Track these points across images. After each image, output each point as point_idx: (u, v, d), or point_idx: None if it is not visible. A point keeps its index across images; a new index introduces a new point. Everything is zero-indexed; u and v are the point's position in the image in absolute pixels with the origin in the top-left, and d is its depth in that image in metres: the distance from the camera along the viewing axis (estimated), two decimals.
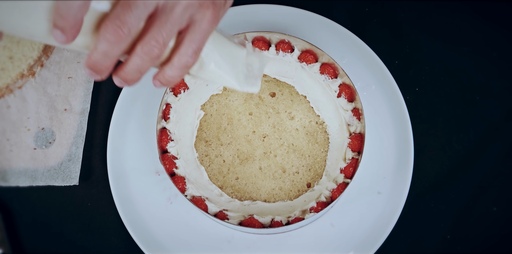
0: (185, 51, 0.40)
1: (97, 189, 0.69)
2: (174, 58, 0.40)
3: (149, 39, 0.38)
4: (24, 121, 0.70)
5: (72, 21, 0.35)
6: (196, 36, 0.40)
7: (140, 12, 0.37)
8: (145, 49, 0.38)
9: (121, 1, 0.36)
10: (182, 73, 0.41)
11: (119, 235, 0.67)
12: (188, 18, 0.39)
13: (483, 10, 0.72)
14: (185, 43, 0.40)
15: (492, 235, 0.65)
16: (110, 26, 0.36)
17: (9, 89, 0.71)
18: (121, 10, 0.36)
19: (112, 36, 0.36)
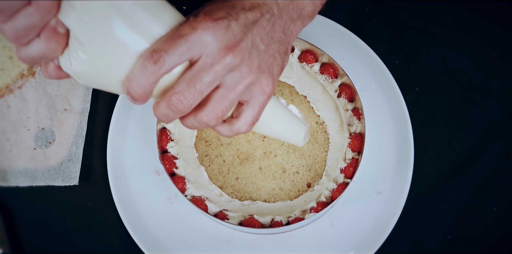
0: (244, 122, 0.43)
1: (97, 189, 0.69)
2: (233, 125, 0.43)
3: (209, 112, 0.41)
4: (24, 121, 0.70)
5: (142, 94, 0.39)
6: (255, 109, 0.43)
7: (204, 90, 0.39)
8: (203, 119, 0.41)
9: (188, 75, 0.39)
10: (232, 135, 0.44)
11: (119, 235, 0.67)
12: (248, 93, 0.42)
13: (483, 10, 0.71)
14: (243, 115, 0.43)
15: (492, 235, 0.65)
16: (174, 100, 0.39)
17: (9, 89, 0.71)
18: (187, 87, 0.39)
19: (175, 108, 0.40)
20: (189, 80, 0.39)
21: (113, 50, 0.37)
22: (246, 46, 0.40)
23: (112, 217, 0.67)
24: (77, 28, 0.37)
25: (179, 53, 0.38)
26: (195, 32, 0.38)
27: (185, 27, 0.38)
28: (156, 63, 0.37)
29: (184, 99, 0.39)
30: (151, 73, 0.38)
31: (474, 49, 0.70)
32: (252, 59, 0.41)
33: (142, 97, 0.39)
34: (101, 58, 0.38)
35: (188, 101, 0.39)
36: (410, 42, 0.71)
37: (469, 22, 0.71)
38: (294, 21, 0.46)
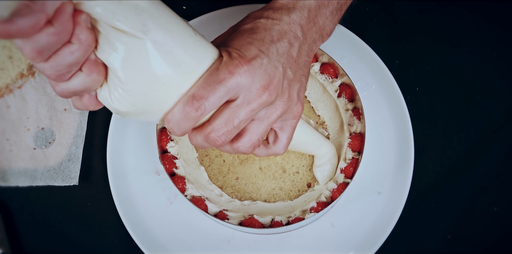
0: (280, 146, 0.47)
1: (97, 189, 0.69)
2: (271, 149, 0.47)
3: (245, 143, 0.44)
4: (23, 121, 0.70)
5: (181, 134, 0.42)
6: (288, 133, 0.47)
7: (241, 126, 0.42)
8: (241, 149, 0.44)
9: (226, 113, 0.41)
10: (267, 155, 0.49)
11: (119, 235, 0.67)
12: (280, 120, 0.46)
13: (484, 10, 0.71)
14: (279, 140, 0.47)
15: (492, 235, 0.65)
16: (212, 137, 0.41)
17: (8, 89, 0.71)
18: (225, 125, 0.41)
19: (212, 143, 0.42)
20: (227, 118, 0.41)
21: (154, 89, 0.38)
22: (279, 81, 0.42)
23: (112, 217, 0.67)
24: (118, 67, 0.37)
25: (219, 98, 0.39)
26: (232, 77, 0.39)
27: (222, 72, 0.39)
28: (197, 110, 0.39)
29: (222, 135, 0.41)
30: (191, 119, 0.40)
31: (474, 49, 0.70)
32: (284, 92, 0.43)
33: (181, 135, 0.42)
34: (142, 97, 0.39)
35: (226, 138, 0.42)
36: (410, 42, 0.71)
37: (469, 22, 0.71)
38: (316, 42, 0.47)
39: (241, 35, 0.43)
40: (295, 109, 0.45)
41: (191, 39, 0.39)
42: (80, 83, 0.38)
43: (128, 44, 0.36)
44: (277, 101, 0.43)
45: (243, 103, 0.41)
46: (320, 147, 0.59)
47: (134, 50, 0.37)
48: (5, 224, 0.68)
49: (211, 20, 0.70)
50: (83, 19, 0.34)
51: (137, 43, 0.36)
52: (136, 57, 0.37)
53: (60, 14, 0.33)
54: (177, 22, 0.39)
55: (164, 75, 0.38)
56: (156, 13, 0.37)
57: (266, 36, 0.43)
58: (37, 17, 0.31)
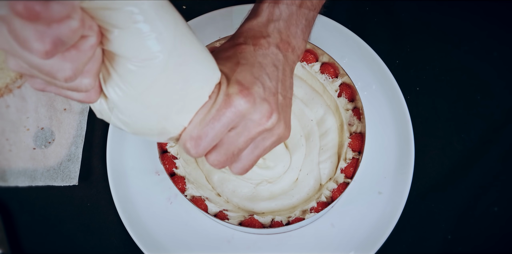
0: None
1: (97, 189, 0.68)
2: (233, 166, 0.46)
3: (240, 168, 0.44)
4: (23, 121, 0.70)
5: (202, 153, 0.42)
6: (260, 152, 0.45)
7: (237, 153, 0.42)
8: (234, 171, 0.44)
9: (225, 141, 0.41)
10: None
11: (119, 235, 0.66)
12: (270, 143, 0.45)
13: (484, 9, 0.71)
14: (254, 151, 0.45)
15: (493, 235, 0.65)
16: (211, 160, 0.42)
17: (8, 89, 0.71)
18: (224, 154, 0.42)
19: (212, 164, 0.43)
20: (226, 148, 0.41)
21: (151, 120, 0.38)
22: (276, 109, 0.42)
23: (111, 217, 0.67)
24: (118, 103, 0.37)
25: (219, 133, 0.40)
26: (233, 109, 0.39)
27: (222, 106, 0.39)
28: (196, 148, 0.40)
29: (219, 164, 0.42)
30: (193, 155, 0.41)
31: (475, 49, 0.70)
32: (280, 119, 0.43)
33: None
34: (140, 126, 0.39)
35: (223, 164, 0.43)
36: (410, 41, 0.71)
37: (470, 22, 0.71)
38: (294, 62, 0.48)
39: (229, 61, 0.43)
40: (286, 134, 0.45)
41: (202, 56, 0.38)
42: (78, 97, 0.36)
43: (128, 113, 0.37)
44: (275, 129, 0.43)
45: (243, 131, 0.41)
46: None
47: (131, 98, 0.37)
48: (4, 224, 0.68)
49: (211, 20, 0.70)
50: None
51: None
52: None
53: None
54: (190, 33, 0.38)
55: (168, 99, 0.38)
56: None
57: (255, 62, 0.43)
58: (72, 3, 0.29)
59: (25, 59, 0.31)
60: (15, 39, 0.29)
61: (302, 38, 0.48)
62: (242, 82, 0.40)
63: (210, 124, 0.39)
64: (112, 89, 0.36)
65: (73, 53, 0.31)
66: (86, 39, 0.32)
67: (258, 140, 0.43)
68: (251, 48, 0.44)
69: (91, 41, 0.32)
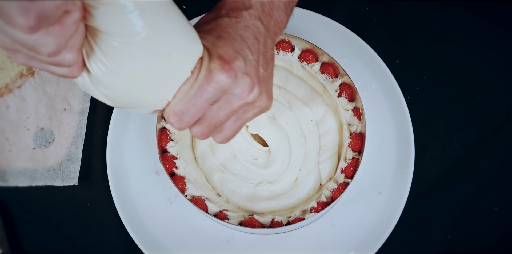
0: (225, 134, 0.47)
1: (97, 189, 0.68)
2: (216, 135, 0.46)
3: (222, 137, 0.46)
4: (23, 121, 0.70)
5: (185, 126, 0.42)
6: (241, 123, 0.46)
7: (218, 126, 0.44)
8: (216, 140, 0.46)
9: (208, 115, 0.42)
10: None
11: (119, 235, 0.66)
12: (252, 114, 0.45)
13: (484, 9, 0.71)
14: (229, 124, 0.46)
15: (493, 235, 0.65)
16: (194, 132, 0.43)
17: (8, 89, 0.71)
18: (207, 127, 0.43)
19: (197, 137, 0.44)
20: (209, 121, 0.42)
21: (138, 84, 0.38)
22: (257, 82, 0.42)
23: (111, 217, 0.67)
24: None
25: (201, 108, 0.40)
26: (214, 84, 0.39)
27: (204, 83, 0.39)
28: (179, 123, 0.41)
29: (202, 135, 0.44)
30: (177, 129, 0.42)
31: (475, 48, 0.70)
32: (262, 92, 0.43)
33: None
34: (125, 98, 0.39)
35: (206, 136, 0.44)
36: (410, 41, 0.71)
37: (470, 22, 0.71)
38: (276, 35, 0.48)
39: (210, 34, 0.43)
40: (268, 106, 0.45)
41: (186, 31, 0.39)
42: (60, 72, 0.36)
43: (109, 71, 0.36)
44: (257, 102, 0.43)
45: (225, 105, 0.42)
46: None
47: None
48: (4, 224, 0.68)
49: None
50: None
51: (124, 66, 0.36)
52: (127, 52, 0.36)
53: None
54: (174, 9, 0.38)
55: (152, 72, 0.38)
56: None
57: (236, 35, 0.43)
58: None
59: (8, 34, 0.31)
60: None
61: (284, 12, 0.48)
62: (223, 57, 0.40)
63: (192, 100, 0.40)
64: (95, 65, 0.36)
65: (56, 28, 0.31)
66: (69, 14, 0.32)
67: (240, 113, 0.44)
68: (233, 20, 0.44)
69: (75, 16, 0.32)
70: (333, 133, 0.63)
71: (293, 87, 0.65)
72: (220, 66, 0.40)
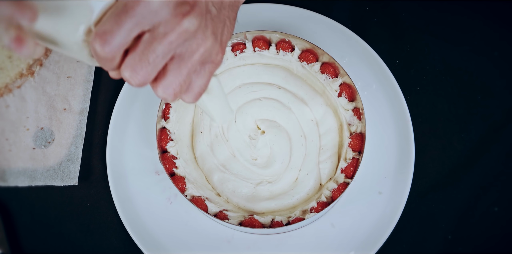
0: (193, 93, 0.41)
1: (97, 189, 0.68)
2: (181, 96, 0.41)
3: (166, 87, 0.38)
4: (23, 121, 0.70)
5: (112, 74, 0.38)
6: (204, 79, 0.40)
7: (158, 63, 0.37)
8: (160, 94, 0.39)
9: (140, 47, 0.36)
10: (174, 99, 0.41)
11: (119, 235, 0.66)
12: (201, 62, 0.39)
13: (484, 9, 0.71)
14: (193, 86, 0.40)
15: (493, 235, 0.65)
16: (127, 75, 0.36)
17: (8, 89, 0.71)
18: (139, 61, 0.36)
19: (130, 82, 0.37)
20: (141, 53, 0.36)
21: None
22: (200, 10, 0.37)
23: (111, 217, 0.67)
24: None
25: (127, 31, 0.34)
26: (141, 2, 0.34)
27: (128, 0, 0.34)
28: (102, 45, 0.34)
29: (137, 75, 0.36)
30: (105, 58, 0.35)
31: (475, 48, 0.70)
32: (207, 25, 0.38)
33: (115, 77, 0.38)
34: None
35: (142, 77, 0.37)
36: (411, 41, 0.71)
37: (470, 22, 0.71)
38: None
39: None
40: (216, 52, 0.39)
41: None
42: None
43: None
44: (199, 35, 0.37)
45: (158, 34, 0.35)
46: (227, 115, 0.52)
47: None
48: (4, 224, 0.68)
49: None
50: None
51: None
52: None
53: None
54: None
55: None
56: None
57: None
58: None
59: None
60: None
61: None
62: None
63: (113, 20, 0.34)
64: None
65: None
66: None
67: (183, 51, 0.37)
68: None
69: None
70: (333, 133, 0.63)
71: (293, 87, 0.65)
72: (177, 14, 0.35)
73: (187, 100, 0.41)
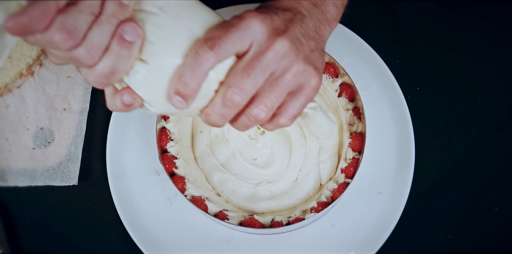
0: (287, 115, 0.42)
1: (96, 189, 0.68)
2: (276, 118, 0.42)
3: (259, 103, 0.39)
4: (23, 121, 0.70)
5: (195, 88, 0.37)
6: (300, 102, 0.42)
7: (259, 80, 0.38)
8: (253, 112, 0.40)
9: (240, 66, 0.38)
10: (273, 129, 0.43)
11: (119, 235, 0.66)
12: (295, 84, 0.41)
13: (485, 9, 0.71)
14: (288, 108, 0.42)
15: (493, 235, 0.65)
16: (229, 94, 0.38)
17: (8, 89, 0.71)
18: (241, 77, 0.38)
19: (231, 103, 0.38)
20: (242, 70, 0.38)
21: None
22: (291, 35, 0.40)
23: (111, 217, 0.67)
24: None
25: (233, 40, 0.37)
26: (244, 21, 0.38)
27: (232, 19, 0.38)
28: (212, 49, 0.36)
29: (240, 91, 0.38)
30: (206, 61, 0.36)
31: (475, 48, 0.70)
32: (298, 49, 0.40)
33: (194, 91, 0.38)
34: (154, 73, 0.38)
35: (244, 93, 0.38)
36: (411, 41, 0.71)
37: (470, 21, 0.71)
38: (321, 22, 0.46)
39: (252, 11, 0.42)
40: (313, 74, 0.41)
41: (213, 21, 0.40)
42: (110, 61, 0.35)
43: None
44: (292, 54, 0.40)
45: (255, 53, 0.38)
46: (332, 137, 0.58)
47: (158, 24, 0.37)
48: (4, 224, 0.68)
49: None
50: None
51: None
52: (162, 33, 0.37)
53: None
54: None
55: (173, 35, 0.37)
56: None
57: (271, 6, 0.43)
58: (46, 3, 0.30)
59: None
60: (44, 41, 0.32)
61: (333, 3, 0.47)
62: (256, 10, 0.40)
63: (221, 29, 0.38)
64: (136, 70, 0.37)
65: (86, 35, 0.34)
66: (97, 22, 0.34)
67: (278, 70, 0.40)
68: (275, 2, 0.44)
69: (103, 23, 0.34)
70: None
71: None
72: (250, 12, 0.38)
73: (282, 122, 0.42)
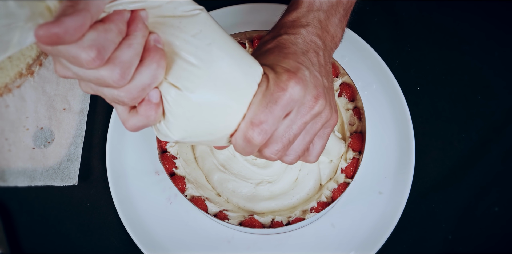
0: (315, 154, 0.47)
1: (96, 189, 0.68)
2: (305, 158, 0.47)
3: (293, 154, 0.44)
4: (22, 120, 0.70)
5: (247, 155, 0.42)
6: (323, 142, 0.47)
7: (292, 141, 0.42)
8: (287, 160, 0.45)
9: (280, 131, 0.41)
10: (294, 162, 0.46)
11: (118, 235, 0.66)
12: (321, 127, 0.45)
13: (485, 9, 0.71)
14: (315, 148, 0.47)
15: (493, 235, 0.65)
16: (269, 156, 0.42)
17: (7, 89, 0.71)
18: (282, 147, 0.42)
19: (270, 158, 0.43)
20: (282, 136, 0.41)
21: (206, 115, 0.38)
22: (323, 91, 0.43)
23: (111, 217, 0.67)
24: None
25: (278, 118, 0.39)
26: (286, 93, 0.39)
27: (275, 90, 0.39)
28: (260, 134, 0.39)
29: (277, 152, 0.42)
30: (255, 145, 0.40)
31: (475, 48, 0.70)
32: (327, 101, 0.43)
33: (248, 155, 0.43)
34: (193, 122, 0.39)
35: (281, 154, 0.42)
36: (411, 41, 0.71)
37: (470, 21, 0.71)
38: (332, 50, 0.49)
39: (271, 53, 0.44)
40: (333, 118, 0.45)
41: (242, 52, 0.40)
42: (146, 76, 0.35)
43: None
44: (324, 111, 0.43)
45: (296, 116, 0.41)
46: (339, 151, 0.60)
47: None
48: (4, 224, 0.67)
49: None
50: (141, 15, 0.35)
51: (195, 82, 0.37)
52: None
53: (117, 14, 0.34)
54: (224, 32, 0.39)
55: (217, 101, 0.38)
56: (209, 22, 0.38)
57: (297, 49, 0.44)
58: (84, 15, 0.30)
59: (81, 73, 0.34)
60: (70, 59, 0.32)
61: (340, 27, 0.50)
62: (289, 69, 0.41)
63: (266, 110, 0.39)
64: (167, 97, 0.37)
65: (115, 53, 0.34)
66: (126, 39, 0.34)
67: (309, 125, 0.43)
68: (292, 37, 0.45)
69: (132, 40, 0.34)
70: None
71: None
72: (289, 77, 0.40)
73: (310, 161, 0.47)
